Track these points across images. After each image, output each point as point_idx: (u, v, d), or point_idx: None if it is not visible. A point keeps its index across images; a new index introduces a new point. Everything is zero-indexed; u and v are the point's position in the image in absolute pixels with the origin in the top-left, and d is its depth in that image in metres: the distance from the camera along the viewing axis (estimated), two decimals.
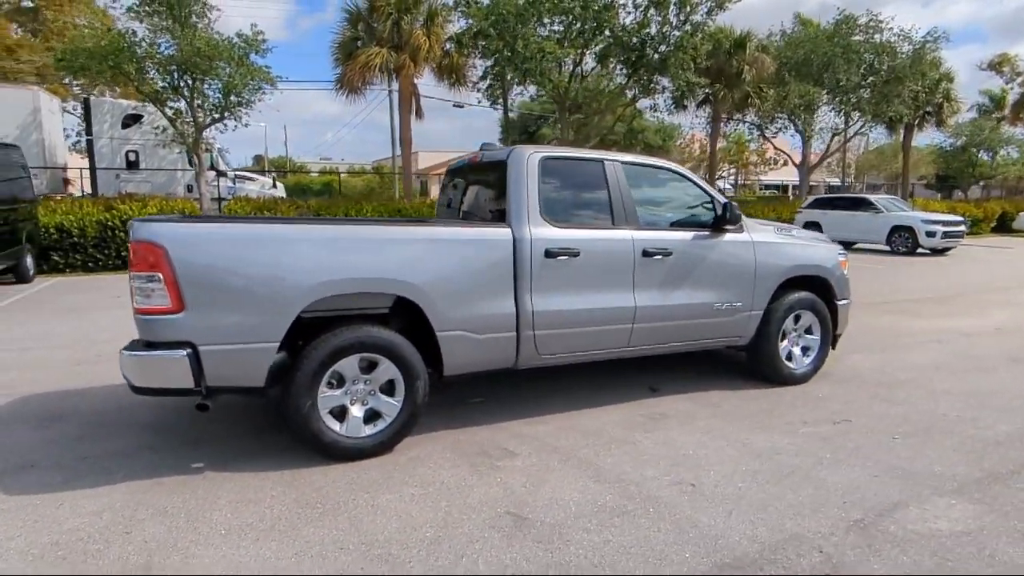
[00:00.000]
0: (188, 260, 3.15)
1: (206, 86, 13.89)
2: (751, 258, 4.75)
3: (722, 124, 24.63)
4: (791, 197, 33.41)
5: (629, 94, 18.19)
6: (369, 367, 3.60)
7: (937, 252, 17.02)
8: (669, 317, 4.48)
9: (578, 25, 15.42)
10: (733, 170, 41.40)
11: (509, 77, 15.57)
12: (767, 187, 47.82)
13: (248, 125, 14.82)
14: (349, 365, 3.53)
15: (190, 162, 17.54)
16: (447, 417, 4.29)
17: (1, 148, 10.65)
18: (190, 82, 13.93)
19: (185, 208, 13.59)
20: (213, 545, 2.72)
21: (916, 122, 27.53)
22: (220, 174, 17.85)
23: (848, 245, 15.80)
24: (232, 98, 14.23)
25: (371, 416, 3.65)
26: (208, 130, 15.95)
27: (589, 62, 17.13)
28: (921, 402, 4.68)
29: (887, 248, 17.31)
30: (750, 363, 5.11)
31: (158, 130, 15.85)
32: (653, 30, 15.97)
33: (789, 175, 37.80)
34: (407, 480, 3.35)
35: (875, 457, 3.68)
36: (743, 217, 4.82)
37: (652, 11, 15.94)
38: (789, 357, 5.08)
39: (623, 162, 4.51)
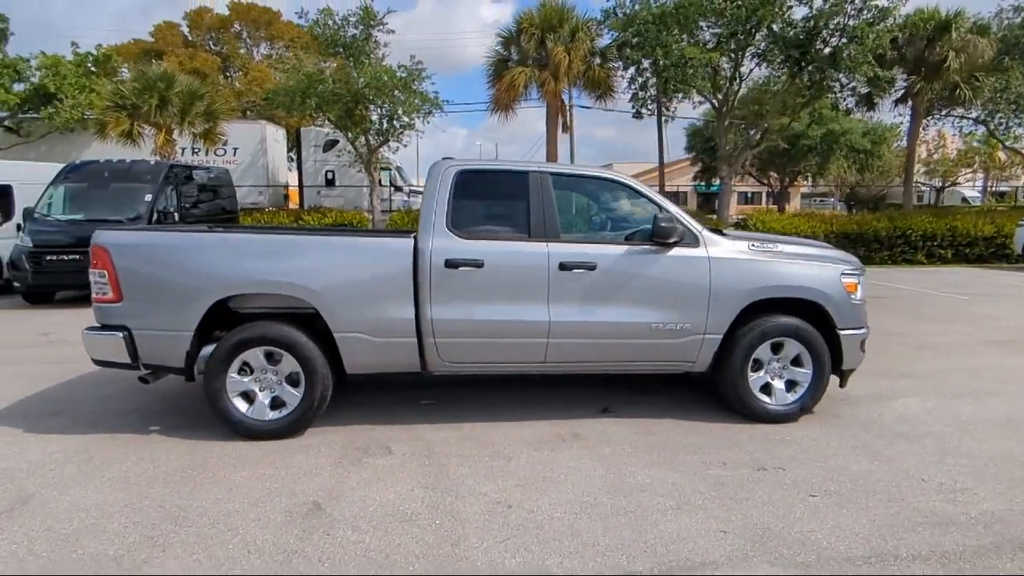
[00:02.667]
0: (125, 261, 3.96)
1: (372, 113, 15.89)
2: (704, 276, 4.25)
3: (929, 120, 20.69)
4: None
5: (801, 95, 16.40)
6: (276, 359, 4.10)
7: None
8: (592, 335, 4.24)
9: (731, 26, 14.43)
10: (977, 174, 34.28)
11: (651, 86, 15.15)
12: (996, 194, 38.73)
13: (406, 145, 16.58)
14: (255, 356, 4.06)
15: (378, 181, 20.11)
16: (378, 413, 4.60)
17: (221, 171, 13.56)
18: (363, 111, 16.06)
19: (354, 220, 15.73)
20: (94, 487, 3.42)
21: None
22: (397, 189, 20.17)
23: None
24: (395, 123, 16.06)
25: (277, 403, 4.13)
26: (383, 150, 18.20)
27: (748, 64, 15.87)
28: (905, 460, 3.77)
29: None
30: (719, 394, 4.55)
31: (349, 153, 18.51)
32: (820, 22, 14.25)
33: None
34: (275, 462, 3.75)
35: (753, 513, 3.14)
36: (704, 231, 4.35)
37: (820, 1, 14.26)
38: (768, 391, 4.42)
39: (554, 174, 4.39)
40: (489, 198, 4.38)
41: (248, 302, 4.17)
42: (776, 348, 4.38)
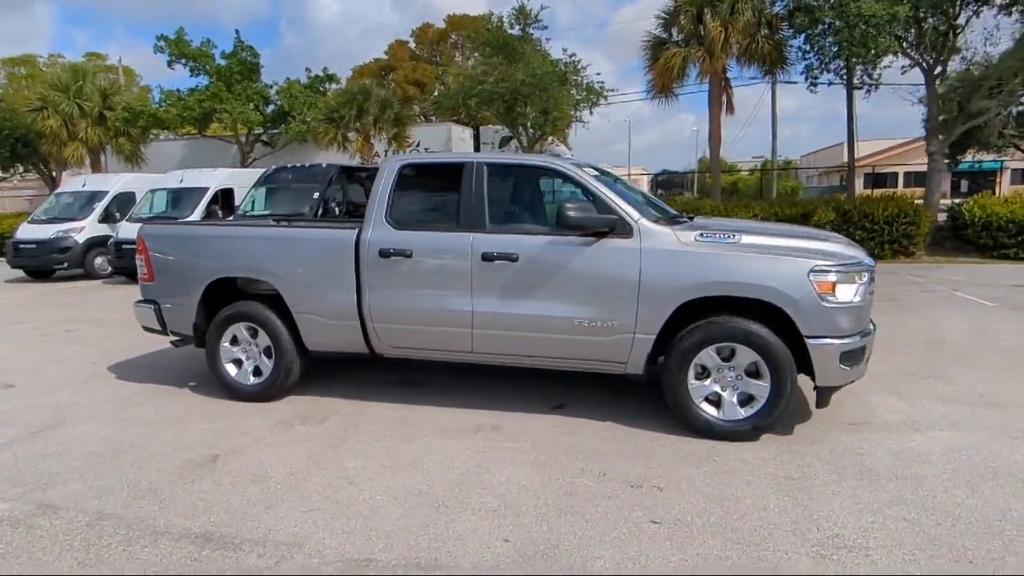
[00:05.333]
0: (155, 249, 4.97)
1: (528, 109, 16.44)
2: (633, 270, 3.85)
3: None
4: None
5: None
6: (255, 333, 4.79)
7: None
8: (515, 327, 4.13)
9: None
10: None
11: (828, 54, 13.13)
12: None
13: (558, 140, 16.77)
14: (239, 330, 4.79)
15: None
16: (358, 390, 5.01)
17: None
18: (522, 107, 16.72)
19: None
20: (110, 423, 4.44)
21: None
22: None
23: None
24: (551, 116, 16.42)
25: (257, 371, 4.82)
26: (555, 143, 18.70)
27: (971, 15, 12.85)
28: (827, 505, 3.03)
29: None
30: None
31: (517, 149, 19.41)
32: None
33: None
34: (231, 420, 4.40)
35: (560, 529, 2.88)
36: (642, 220, 3.94)
37: None
38: (717, 403, 3.84)
39: (491, 163, 4.33)
40: (428, 190, 4.52)
41: (248, 285, 4.92)
42: (728, 355, 3.80)
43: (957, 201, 15.23)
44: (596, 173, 4.34)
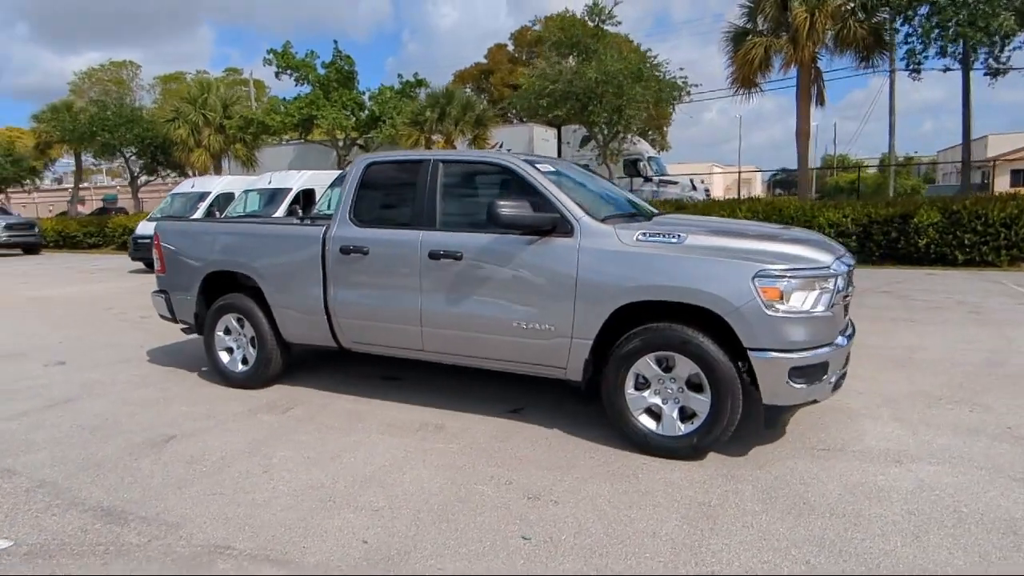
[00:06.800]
0: (166, 243, 5.40)
1: (600, 107, 16.06)
2: (570, 270, 3.64)
3: None
4: None
5: None
6: (243, 324, 5.06)
7: None
8: (459, 327, 4.05)
9: None
10: None
11: (934, 35, 11.67)
12: None
13: (632, 135, 16.24)
14: (229, 320, 5.09)
15: (626, 172, 20.26)
16: (339, 383, 5.15)
17: None
18: (596, 106, 16.40)
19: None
20: (109, 400, 4.89)
21: None
22: (646, 180, 19.84)
23: None
24: (626, 113, 15.98)
25: (245, 360, 5.10)
26: (636, 141, 18.22)
27: None
28: (710, 541, 2.68)
29: None
30: None
31: (593, 148, 19.08)
32: None
33: None
34: (207, 406, 4.66)
35: (399, 529, 2.78)
36: (584, 217, 3.71)
37: None
38: (657, 415, 3.54)
39: (444, 161, 4.27)
40: (389, 188, 4.53)
41: (242, 278, 5.21)
42: (669, 365, 3.49)
43: None
44: (550, 170, 4.15)
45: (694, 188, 19.95)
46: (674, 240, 3.50)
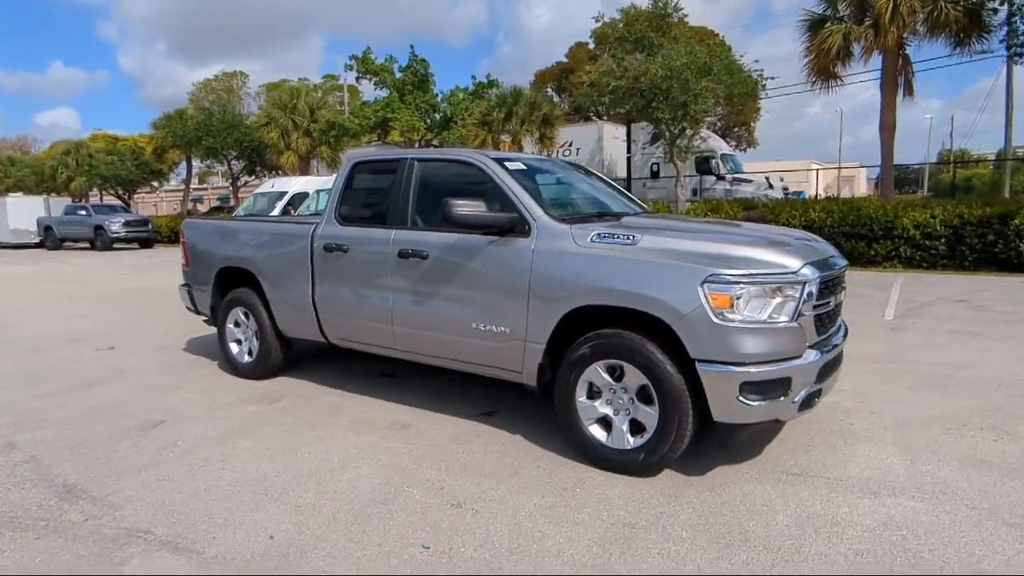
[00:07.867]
0: (190, 239, 5.74)
1: (665, 103, 15.49)
2: (524, 272, 3.50)
3: None
4: None
5: None
6: (248, 317, 5.29)
7: None
8: (424, 326, 4.01)
9: None
10: None
11: None
12: None
13: (700, 131, 15.52)
14: (238, 314, 5.33)
15: (698, 170, 19.48)
16: (338, 378, 5.29)
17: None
18: (660, 102, 15.87)
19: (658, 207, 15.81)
20: (120, 385, 5.28)
21: None
22: (719, 178, 18.95)
23: None
24: (691, 108, 15.36)
25: (249, 352, 5.32)
26: (708, 138, 17.49)
27: None
28: (648, 561, 2.46)
29: None
30: None
31: (658, 146, 18.45)
32: None
33: None
34: (205, 395, 4.91)
35: (312, 524, 2.77)
36: (543, 217, 3.57)
37: None
38: (608, 425, 3.34)
39: (419, 159, 4.24)
40: (371, 188, 4.56)
41: (249, 274, 5.46)
42: (620, 374, 3.28)
43: None
44: (519, 168, 4.02)
45: (770, 186, 18.80)
46: (627, 241, 3.29)
